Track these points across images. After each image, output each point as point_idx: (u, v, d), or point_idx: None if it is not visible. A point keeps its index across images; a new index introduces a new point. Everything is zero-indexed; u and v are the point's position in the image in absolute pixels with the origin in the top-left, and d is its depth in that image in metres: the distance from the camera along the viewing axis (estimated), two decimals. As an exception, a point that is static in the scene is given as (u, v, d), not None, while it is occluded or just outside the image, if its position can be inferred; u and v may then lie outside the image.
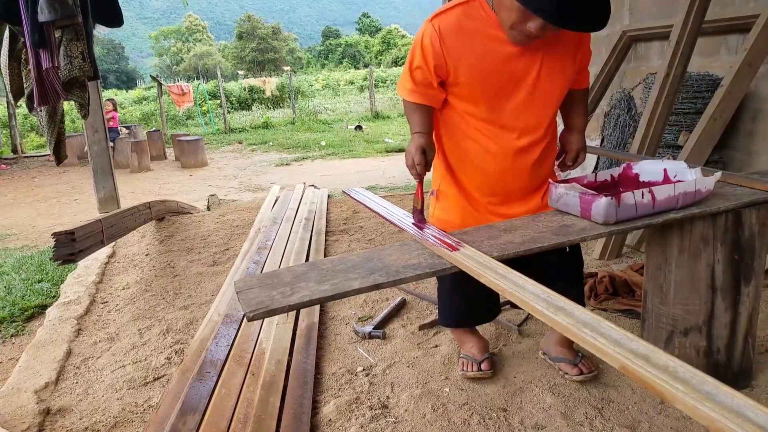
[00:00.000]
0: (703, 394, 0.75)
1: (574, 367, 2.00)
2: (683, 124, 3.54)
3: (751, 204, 1.70)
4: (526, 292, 1.13)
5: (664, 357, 0.84)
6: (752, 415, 0.69)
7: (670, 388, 0.77)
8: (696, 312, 1.83)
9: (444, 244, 1.42)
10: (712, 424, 0.69)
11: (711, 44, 3.70)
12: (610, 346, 0.89)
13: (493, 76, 1.61)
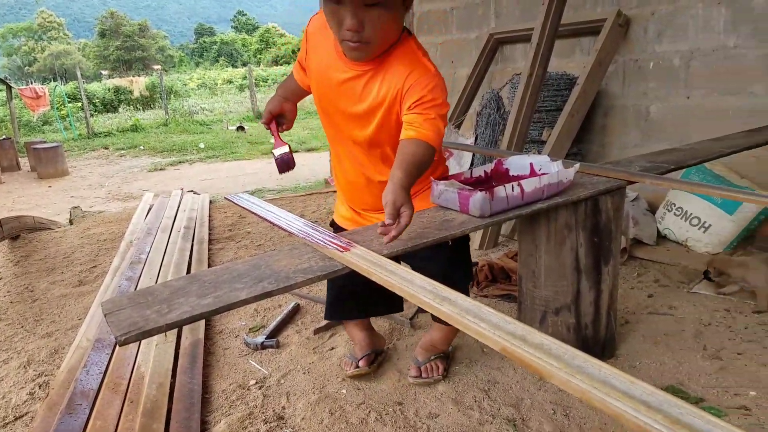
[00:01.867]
0: (574, 368, 0.83)
1: (416, 369, 2.04)
2: (546, 121, 3.84)
3: (606, 191, 1.89)
4: (414, 285, 1.17)
5: (538, 336, 0.91)
6: (617, 383, 0.78)
7: (545, 365, 0.84)
8: (565, 293, 2.00)
9: (335, 245, 1.42)
10: (583, 395, 0.77)
11: (567, 46, 4.04)
12: (491, 330, 0.95)
13: (329, 89, 1.65)
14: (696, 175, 3.19)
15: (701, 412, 0.69)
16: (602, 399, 0.75)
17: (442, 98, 1.54)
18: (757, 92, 3.06)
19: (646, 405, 0.72)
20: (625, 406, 0.72)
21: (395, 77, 1.55)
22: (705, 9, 3.18)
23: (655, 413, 0.70)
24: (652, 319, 2.42)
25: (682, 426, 0.68)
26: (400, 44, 1.58)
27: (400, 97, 1.56)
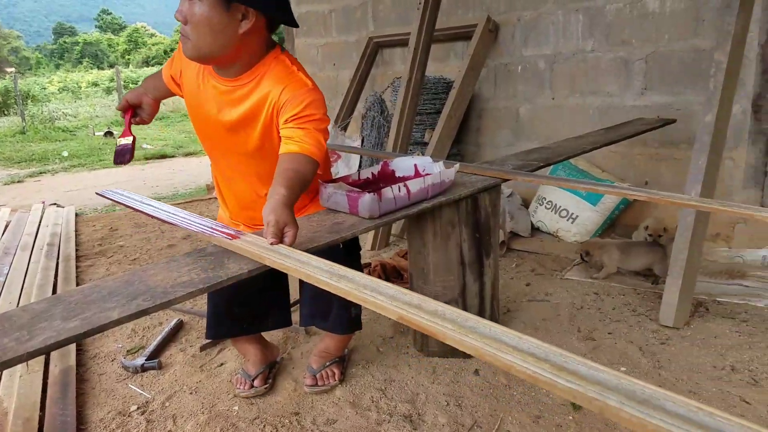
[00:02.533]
0: (467, 329, 0.88)
1: (311, 378, 1.99)
2: (427, 123, 3.97)
3: (484, 189, 1.98)
4: (310, 266, 1.16)
5: (433, 304, 0.97)
6: (506, 339, 0.84)
7: (441, 328, 0.89)
8: (452, 287, 2.06)
9: (222, 234, 1.36)
10: (476, 352, 0.81)
11: (443, 50, 4.20)
12: (388, 302, 0.99)
13: (204, 101, 1.63)
14: (563, 170, 3.45)
15: (584, 360, 0.74)
16: (493, 353, 0.80)
17: (320, 114, 1.53)
18: (612, 92, 3.38)
19: (534, 356, 0.78)
20: (515, 358, 0.77)
21: (269, 91, 1.54)
22: (564, 15, 3.46)
23: (542, 363, 0.76)
24: (531, 306, 2.58)
25: (568, 372, 0.73)
26: (273, 58, 1.57)
27: (276, 112, 1.54)
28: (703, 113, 2.29)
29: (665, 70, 3.12)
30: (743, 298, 2.44)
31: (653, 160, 3.30)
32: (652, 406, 0.67)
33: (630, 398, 0.69)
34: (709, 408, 0.66)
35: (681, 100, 3.10)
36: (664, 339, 2.19)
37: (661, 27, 3.08)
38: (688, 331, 2.23)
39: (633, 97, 3.29)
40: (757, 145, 2.87)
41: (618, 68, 3.31)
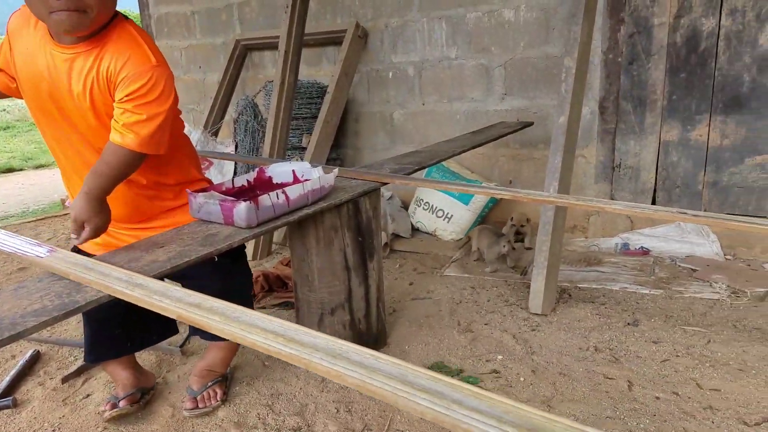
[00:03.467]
0: (232, 319, 0.93)
1: (191, 400, 1.86)
2: (304, 128, 3.92)
3: (365, 193, 1.99)
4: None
5: (211, 302, 1.01)
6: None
7: (208, 321, 0.94)
8: (338, 292, 2.05)
9: (35, 253, 1.23)
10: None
11: (314, 55, 4.18)
12: (172, 304, 1.03)
13: (41, 81, 1.47)
14: (437, 172, 3.58)
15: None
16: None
17: (157, 94, 1.39)
18: (477, 98, 3.57)
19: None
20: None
21: (114, 60, 1.39)
22: (428, 23, 3.60)
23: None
24: (414, 305, 2.64)
25: (451, 400, 0.73)
26: (117, 25, 1.44)
27: (114, 84, 1.40)
28: (557, 115, 2.49)
29: (522, 76, 3.36)
30: (600, 283, 2.70)
31: (515, 161, 3.54)
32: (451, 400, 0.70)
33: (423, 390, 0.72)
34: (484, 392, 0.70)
35: (537, 104, 3.35)
36: (535, 326, 2.35)
37: (517, 35, 3.31)
38: (554, 317, 2.41)
39: (495, 102, 3.50)
40: (605, 144, 3.19)
41: (480, 74, 3.51)
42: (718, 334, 2.16)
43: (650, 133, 3.03)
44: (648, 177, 3.09)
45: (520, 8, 3.25)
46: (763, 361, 1.95)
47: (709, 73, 2.81)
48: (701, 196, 2.97)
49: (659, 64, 2.92)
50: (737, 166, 2.84)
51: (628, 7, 2.92)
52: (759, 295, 2.43)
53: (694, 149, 2.94)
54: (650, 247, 3.01)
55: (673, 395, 1.82)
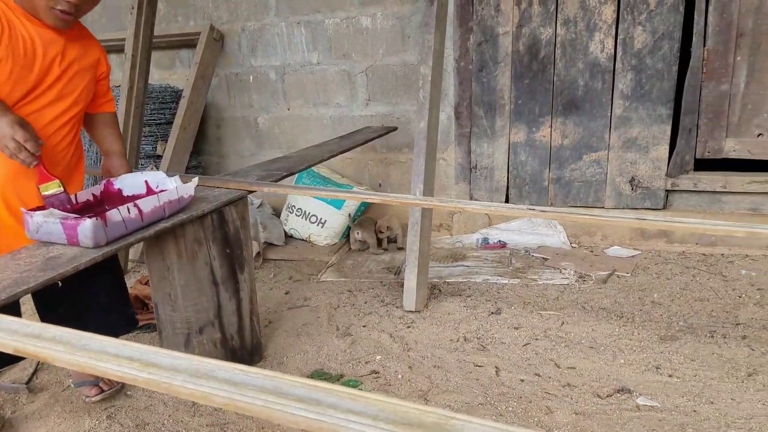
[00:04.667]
0: (210, 377, 0.80)
1: (93, 388, 1.91)
2: (158, 135, 3.67)
3: (230, 202, 1.90)
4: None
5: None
6: (263, 383, 0.77)
7: (171, 383, 0.80)
8: (206, 309, 1.93)
9: None
10: (228, 405, 0.73)
11: (167, 58, 3.95)
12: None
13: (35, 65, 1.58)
14: (307, 178, 3.55)
15: (336, 389, 0.73)
16: (248, 402, 0.73)
17: None
18: (341, 103, 3.59)
19: (288, 397, 0.74)
20: (267, 402, 0.72)
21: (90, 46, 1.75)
22: (288, 28, 3.56)
23: (298, 402, 0.72)
24: (292, 314, 2.58)
25: (326, 406, 0.71)
26: None
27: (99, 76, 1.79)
28: (417, 121, 2.58)
29: (383, 83, 3.44)
30: (466, 277, 2.84)
31: (383, 164, 3.62)
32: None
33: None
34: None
35: (399, 110, 3.46)
36: (410, 323, 2.41)
37: (375, 42, 3.39)
38: (427, 312, 2.49)
39: (360, 108, 3.55)
40: (462, 146, 3.37)
41: (343, 80, 3.54)
42: (570, 316, 2.37)
43: (501, 135, 3.25)
44: (501, 176, 3.32)
45: (376, 16, 3.33)
46: (609, 337, 2.18)
47: (549, 79, 3.09)
48: (548, 191, 3.25)
49: (505, 70, 3.15)
50: (576, 163, 3.15)
51: (476, 16, 3.12)
52: (602, 278, 2.71)
53: (539, 149, 3.21)
54: (507, 241, 3.24)
55: (536, 376, 1.96)
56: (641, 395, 1.81)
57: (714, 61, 2.77)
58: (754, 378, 1.85)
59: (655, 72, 2.87)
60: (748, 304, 2.34)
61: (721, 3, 2.69)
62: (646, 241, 3.02)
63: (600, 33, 2.92)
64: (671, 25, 2.79)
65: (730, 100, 2.80)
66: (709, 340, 2.10)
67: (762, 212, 2.83)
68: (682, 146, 2.93)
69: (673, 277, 2.65)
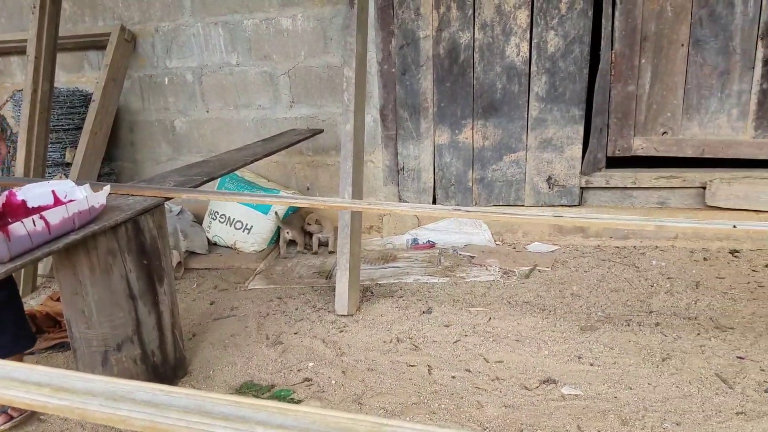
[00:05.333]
0: (128, 400, 0.75)
1: (1, 415, 1.78)
2: (67, 141, 3.44)
3: (145, 210, 1.80)
4: None
5: (79, 379, 0.80)
6: (186, 403, 0.72)
7: (85, 408, 0.74)
8: (124, 324, 1.82)
9: None
10: (146, 426, 0.69)
11: (74, 60, 3.71)
12: None
13: None
14: (230, 183, 3.44)
15: (264, 404, 0.70)
16: (170, 424, 0.69)
17: None
18: (264, 105, 3.52)
19: (213, 415, 0.70)
20: (191, 423, 0.69)
21: None
22: (204, 28, 3.44)
23: (224, 421, 0.69)
24: (218, 325, 2.49)
25: (254, 423, 0.68)
26: None
27: None
28: (343, 123, 2.57)
29: (307, 85, 3.40)
30: (397, 277, 2.85)
31: (311, 167, 3.58)
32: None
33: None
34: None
35: (324, 112, 3.43)
36: (342, 327, 2.38)
37: (297, 44, 3.34)
38: (360, 315, 2.48)
39: (283, 110, 3.49)
40: (388, 149, 3.38)
41: (265, 82, 3.47)
42: (497, 311, 2.43)
43: (426, 137, 3.30)
44: (428, 177, 3.37)
45: (296, 17, 3.29)
46: (534, 330, 2.25)
47: (469, 82, 3.16)
48: (472, 191, 3.33)
49: (427, 74, 3.20)
50: (497, 164, 3.25)
51: (396, 20, 3.15)
52: (525, 273, 2.81)
53: (463, 150, 3.28)
54: (436, 240, 3.28)
55: (467, 372, 2.00)
56: (565, 384, 1.88)
57: (621, 64, 2.94)
58: (667, 362, 1.97)
59: (567, 75, 3.01)
60: (659, 293, 2.50)
61: (626, 8, 2.86)
62: (564, 237, 3.16)
63: (516, 37, 3.03)
64: (581, 29, 2.93)
65: (637, 100, 2.98)
66: (626, 328, 2.22)
67: (669, 206, 3.04)
68: (594, 145, 3.09)
69: (590, 270, 2.79)
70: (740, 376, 1.86)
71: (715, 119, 2.91)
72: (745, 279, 2.55)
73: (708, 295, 2.43)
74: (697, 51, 2.84)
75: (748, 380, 1.83)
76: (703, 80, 2.87)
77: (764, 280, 2.52)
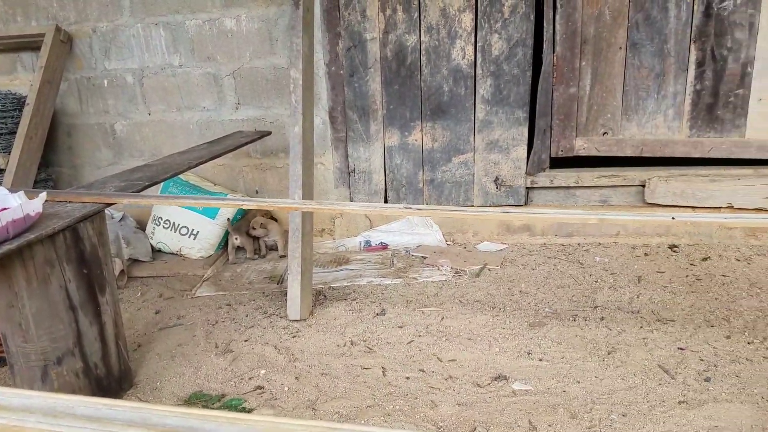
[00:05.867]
0: (69, 415, 0.71)
1: None
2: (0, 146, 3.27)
3: (85, 217, 1.73)
4: None
5: (15, 396, 0.76)
6: (131, 416, 0.69)
7: (23, 425, 0.69)
8: (64, 337, 1.74)
9: None
10: None
11: (6, 62, 3.54)
12: None
13: None
14: (174, 188, 3.34)
15: (213, 414, 0.68)
16: None
17: None
18: (209, 107, 3.44)
19: (160, 428, 0.68)
20: None
21: None
22: (144, 29, 3.33)
23: None
24: (164, 335, 2.41)
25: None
26: None
27: None
28: (291, 125, 2.54)
29: (253, 86, 3.35)
30: (350, 280, 2.84)
31: (259, 170, 3.52)
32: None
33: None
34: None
35: (272, 114, 3.38)
36: (295, 332, 2.35)
37: (241, 45, 3.28)
38: (313, 319, 2.45)
39: (229, 112, 3.42)
40: (339, 151, 3.37)
41: (209, 83, 3.39)
42: (449, 310, 2.46)
43: (376, 139, 3.31)
44: (379, 179, 3.38)
45: (240, 18, 3.23)
46: (485, 328, 2.29)
47: (417, 84, 3.19)
48: (423, 192, 3.36)
49: (376, 76, 3.20)
50: (447, 165, 3.29)
51: (343, 22, 3.14)
52: (475, 272, 2.85)
53: (413, 152, 3.31)
54: (388, 242, 3.29)
55: (420, 372, 2.01)
56: (516, 380, 1.92)
57: (563, 67, 3.03)
58: (612, 356, 2.04)
59: (511, 77, 3.08)
60: (603, 288, 2.59)
61: (566, 12, 2.96)
62: (512, 236, 3.23)
63: (461, 40, 3.08)
64: (524, 32, 3.01)
65: (578, 102, 3.09)
66: (572, 323, 2.28)
67: (610, 203, 3.15)
68: (539, 146, 3.17)
69: (537, 268, 2.86)
70: (681, 366, 1.94)
71: (653, 120, 3.04)
72: (684, 273, 2.67)
73: (649, 289, 2.54)
74: (634, 54, 2.96)
75: (688, 370, 1.92)
76: (640, 82, 3.00)
77: (701, 273, 2.65)
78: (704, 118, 2.96)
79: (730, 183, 2.88)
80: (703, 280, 2.58)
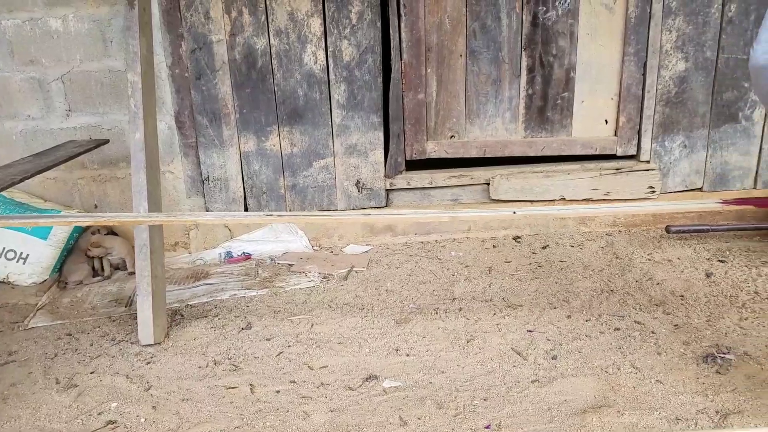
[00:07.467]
0: None
1: None
2: None
3: None
4: None
5: None
6: None
7: None
8: None
9: None
10: None
11: None
12: None
13: None
14: (-6, 207, 2.92)
15: None
16: None
17: None
18: (34, 115, 3.06)
19: None
20: None
21: None
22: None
23: None
24: (-10, 378, 2.09)
25: None
26: None
27: None
28: (132, 131, 2.35)
29: (86, 91, 3.04)
30: (211, 295, 2.69)
31: (97, 182, 3.20)
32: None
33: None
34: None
35: (109, 120, 3.09)
36: (149, 358, 2.17)
37: (71, 47, 2.97)
38: (169, 342, 2.28)
39: (59, 120, 3.07)
40: (189, 158, 3.18)
41: (33, 89, 3.02)
42: (318, 316, 2.44)
43: (230, 145, 3.17)
44: (236, 186, 3.24)
45: (68, 18, 2.92)
46: (354, 330, 2.30)
47: (270, 89, 3.12)
48: (285, 198, 3.30)
49: (225, 79, 3.07)
50: (308, 170, 3.26)
51: (185, 23, 2.97)
52: (343, 275, 2.86)
53: (272, 157, 3.23)
54: (251, 251, 3.18)
55: (292, 384, 1.96)
56: (386, 378, 1.96)
57: (410, 73, 3.16)
58: (471, 343, 2.16)
59: (364, 83, 3.13)
60: (460, 281, 2.73)
61: (410, 20, 3.08)
62: (375, 237, 3.30)
63: (311, 45, 3.07)
64: (372, 39, 3.08)
65: (427, 107, 3.23)
66: (435, 316, 2.38)
67: (461, 202, 3.34)
68: (394, 150, 3.27)
69: (400, 266, 2.95)
70: (531, 347, 2.12)
71: (493, 122, 3.28)
72: (527, 261, 2.92)
73: (499, 278, 2.73)
74: (474, 61, 3.17)
75: (538, 350, 2.09)
76: (480, 87, 3.22)
77: (542, 260, 2.92)
78: (537, 120, 3.26)
79: (561, 178, 3.20)
80: (544, 266, 2.84)
